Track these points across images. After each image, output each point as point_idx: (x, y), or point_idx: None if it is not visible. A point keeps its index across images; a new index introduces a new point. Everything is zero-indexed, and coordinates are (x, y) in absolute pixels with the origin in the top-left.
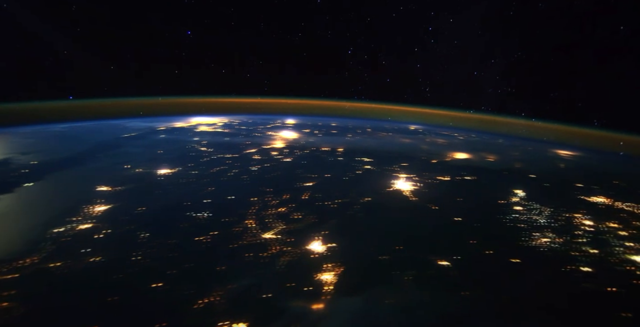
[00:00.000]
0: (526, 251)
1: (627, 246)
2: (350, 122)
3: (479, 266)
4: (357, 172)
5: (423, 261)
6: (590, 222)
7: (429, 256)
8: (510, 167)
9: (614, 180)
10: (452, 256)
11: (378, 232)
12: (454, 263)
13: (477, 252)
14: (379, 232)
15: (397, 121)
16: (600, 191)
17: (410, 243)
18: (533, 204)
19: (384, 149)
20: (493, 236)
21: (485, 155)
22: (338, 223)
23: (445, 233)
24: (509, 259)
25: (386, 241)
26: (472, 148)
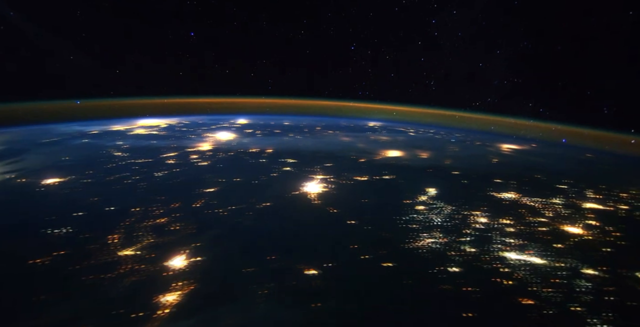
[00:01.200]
0: (404, 254)
1: (507, 243)
2: (308, 120)
3: (347, 273)
4: (272, 174)
5: (290, 270)
6: (485, 219)
7: (300, 264)
8: (437, 164)
9: (536, 174)
10: (323, 264)
11: (257, 241)
12: (322, 271)
13: (353, 258)
14: (258, 241)
15: (369, 119)
16: (515, 187)
17: (286, 252)
18: (438, 202)
19: (317, 148)
20: (379, 239)
21: (419, 153)
22: (217, 233)
23: (330, 238)
24: (382, 264)
25: (262, 250)
26: (412, 145)
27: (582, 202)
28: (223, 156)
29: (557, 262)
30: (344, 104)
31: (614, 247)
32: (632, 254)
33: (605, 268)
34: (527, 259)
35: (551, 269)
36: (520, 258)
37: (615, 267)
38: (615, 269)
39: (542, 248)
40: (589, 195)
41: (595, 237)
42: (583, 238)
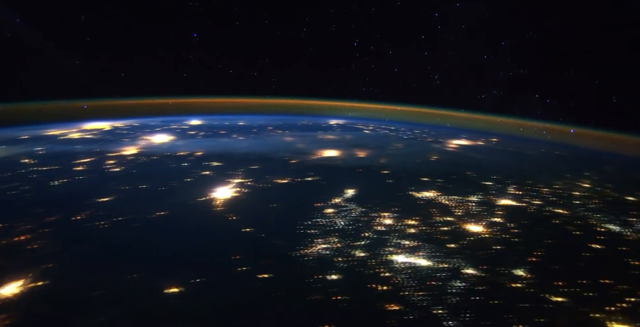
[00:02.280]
0: (288, 263)
1: (401, 245)
2: (268, 120)
3: (213, 290)
4: (186, 179)
5: (146, 291)
6: (390, 221)
7: (163, 283)
8: (370, 164)
9: (468, 171)
10: (191, 280)
11: (125, 258)
12: (184, 289)
13: (227, 272)
14: (126, 257)
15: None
16: (439, 185)
17: (152, 269)
18: (350, 205)
19: (251, 150)
20: (267, 248)
21: (358, 152)
22: (80, 252)
23: (212, 250)
24: (257, 276)
25: (124, 269)
26: (356, 144)
27: (497, 199)
28: (143, 161)
29: (442, 263)
30: (341, 104)
31: (505, 245)
32: (519, 250)
33: (485, 267)
34: (413, 262)
35: (432, 271)
36: (407, 261)
37: (497, 265)
38: (495, 267)
39: (433, 249)
40: (509, 191)
41: (492, 235)
42: (479, 237)
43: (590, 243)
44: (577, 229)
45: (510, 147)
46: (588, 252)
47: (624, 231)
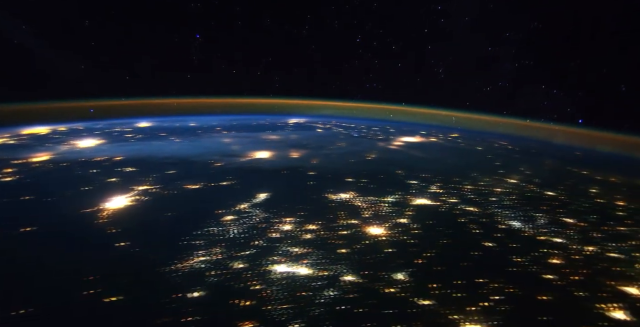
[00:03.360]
0: (149, 281)
1: (288, 253)
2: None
3: (44, 322)
4: (83, 188)
5: None
6: (290, 226)
7: None
8: (300, 165)
9: (398, 170)
10: (21, 310)
11: None
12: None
13: (67, 296)
14: None
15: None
16: (360, 185)
17: None
18: (254, 210)
19: (177, 153)
20: (134, 265)
21: (294, 152)
22: None
23: (65, 272)
24: (104, 300)
25: None
26: (296, 144)
27: (413, 199)
28: (47, 169)
29: (323, 271)
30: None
31: (398, 247)
32: (410, 253)
33: (367, 272)
34: (293, 271)
35: (309, 281)
36: (287, 271)
37: (380, 270)
38: (377, 272)
39: (321, 256)
40: (431, 190)
41: (390, 237)
42: (376, 240)
43: (484, 241)
44: (478, 227)
45: (463, 143)
46: (478, 251)
47: (523, 228)
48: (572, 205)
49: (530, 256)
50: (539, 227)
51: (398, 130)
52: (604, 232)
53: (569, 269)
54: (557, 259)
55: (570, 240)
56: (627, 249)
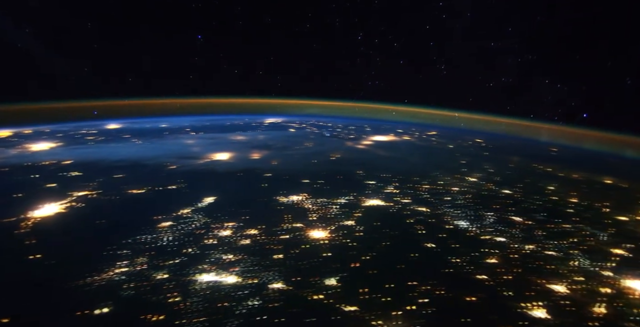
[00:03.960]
0: (61, 295)
1: (217, 262)
2: (198, 121)
3: None
4: (14, 195)
5: None
6: (229, 232)
7: None
8: (257, 167)
9: (359, 170)
10: None
11: None
12: None
13: None
14: None
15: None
16: (315, 187)
17: None
18: (195, 216)
19: (132, 156)
20: (36, 281)
21: (256, 154)
22: None
23: None
24: (2, 320)
25: None
26: (261, 145)
27: (366, 200)
28: None
29: (251, 279)
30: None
31: (337, 251)
32: (348, 256)
33: (297, 279)
34: (219, 281)
35: (233, 290)
36: (213, 280)
37: (311, 275)
38: (307, 278)
39: (254, 263)
40: (386, 190)
41: (331, 241)
42: (316, 244)
43: (426, 243)
44: (424, 228)
45: (436, 141)
46: (417, 253)
47: (469, 227)
48: (524, 203)
49: (468, 257)
50: (485, 226)
51: (375, 129)
52: (547, 230)
53: (503, 269)
54: (494, 259)
55: (512, 239)
56: (565, 246)
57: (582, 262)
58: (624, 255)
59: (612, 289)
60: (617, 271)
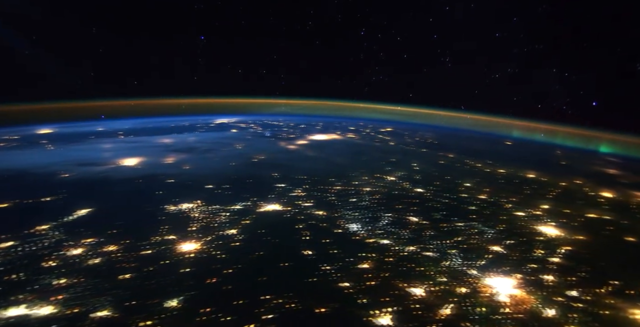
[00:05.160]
0: None
1: (43, 288)
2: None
3: None
4: None
5: None
6: (80, 250)
7: None
8: (165, 172)
9: (275, 172)
10: None
11: None
12: None
13: None
14: None
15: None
16: (217, 192)
17: None
18: (53, 232)
19: (21, 165)
20: None
21: (171, 158)
22: None
23: None
24: None
25: None
26: (185, 148)
27: (263, 206)
28: None
29: (73, 309)
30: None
31: (198, 266)
32: (209, 271)
33: (132, 303)
34: (30, 313)
35: (38, 324)
36: (21, 314)
37: (153, 297)
38: (146, 300)
39: (89, 287)
40: (292, 194)
41: (199, 254)
42: (180, 258)
43: (305, 250)
44: (311, 234)
45: (379, 139)
46: (290, 262)
47: (359, 231)
48: (430, 202)
49: (341, 263)
50: (376, 228)
51: (324, 127)
52: (437, 230)
53: (370, 274)
54: (366, 264)
55: (397, 241)
56: (446, 246)
57: (453, 263)
58: (500, 252)
59: (468, 289)
60: (483, 269)
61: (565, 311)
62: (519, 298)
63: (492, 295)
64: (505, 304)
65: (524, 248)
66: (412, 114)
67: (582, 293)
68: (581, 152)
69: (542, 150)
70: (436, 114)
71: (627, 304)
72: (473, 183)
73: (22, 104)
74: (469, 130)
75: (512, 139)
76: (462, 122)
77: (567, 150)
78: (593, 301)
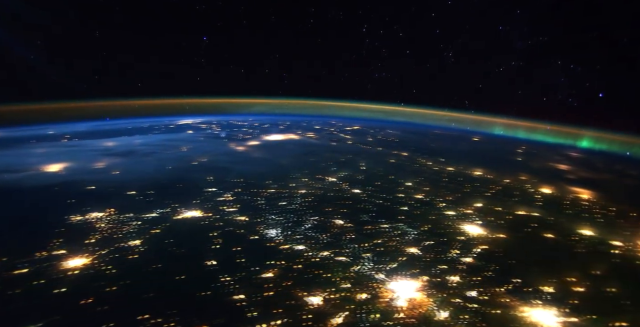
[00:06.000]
0: None
1: None
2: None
3: None
4: None
5: None
6: None
7: None
8: (86, 178)
9: (209, 176)
10: None
11: None
12: None
13: None
14: None
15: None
16: (138, 199)
17: None
18: None
19: None
20: None
21: (104, 162)
22: None
23: None
24: None
25: None
26: (123, 152)
27: (183, 212)
28: None
29: None
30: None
31: (72, 286)
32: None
33: None
34: None
35: None
36: None
37: None
38: None
39: None
40: (219, 199)
41: (77, 272)
42: (51, 279)
43: (208, 260)
44: (223, 242)
45: (336, 138)
46: (185, 275)
47: (276, 236)
48: (363, 203)
49: (244, 273)
50: (295, 233)
51: (288, 127)
52: (360, 233)
53: (271, 284)
54: (271, 273)
55: (313, 246)
56: (362, 250)
57: (363, 267)
58: (414, 254)
59: (369, 295)
60: (391, 273)
61: (458, 313)
62: (417, 302)
63: (390, 300)
64: (401, 309)
65: (441, 249)
66: (401, 113)
67: (480, 293)
68: (547, 148)
69: (505, 146)
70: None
71: (519, 303)
72: (414, 182)
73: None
74: (445, 127)
75: (482, 135)
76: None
77: (534, 146)
78: (488, 301)
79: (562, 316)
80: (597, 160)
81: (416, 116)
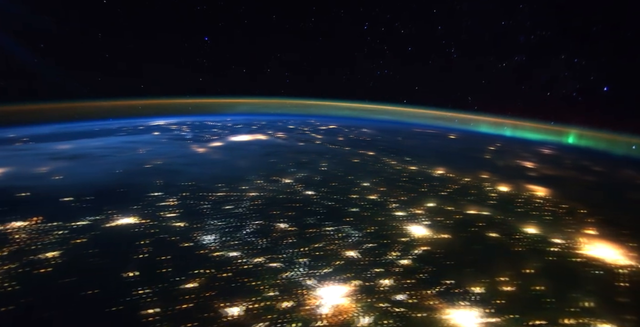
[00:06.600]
0: None
1: None
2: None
3: None
4: None
5: None
6: None
7: None
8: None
9: (158, 180)
10: None
11: None
12: None
13: None
14: None
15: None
16: (73, 206)
17: None
18: None
19: None
20: None
21: (48, 167)
22: None
23: None
24: None
25: None
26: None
27: (118, 219)
28: None
29: None
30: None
31: None
32: None
33: None
34: None
35: None
36: None
37: None
38: None
39: None
40: (161, 204)
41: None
42: None
43: (127, 272)
44: (151, 250)
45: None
46: (97, 289)
47: (210, 243)
48: (313, 205)
49: (165, 285)
50: (231, 239)
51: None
52: (301, 237)
53: (192, 295)
54: (196, 283)
55: (247, 252)
56: (299, 254)
57: (295, 273)
58: (352, 258)
59: (293, 303)
60: (322, 279)
61: (381, 318)
62: (342, 308)
63: (314, 308)
64: (324, 316)
65: (380, 252)
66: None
67: (409, 297)
68: (522, 145)
69: (478, 144)
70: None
71: (445, 305)
72: (372, 183)
73: None
74: (425, 125)
75: (459, 132)
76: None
77: (509, 143)
78: (416, 304)
79: (485, 316)
80: (568, 157)
81: (406, 115)
